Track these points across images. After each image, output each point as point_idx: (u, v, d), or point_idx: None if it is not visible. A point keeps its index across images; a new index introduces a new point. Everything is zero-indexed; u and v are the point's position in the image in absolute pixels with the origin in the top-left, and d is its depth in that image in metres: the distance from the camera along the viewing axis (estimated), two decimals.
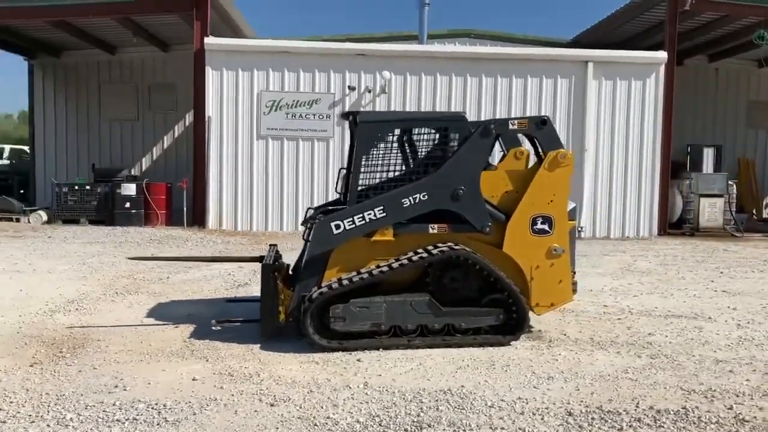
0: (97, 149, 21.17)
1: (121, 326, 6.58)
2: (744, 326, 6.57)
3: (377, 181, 6.18)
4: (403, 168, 6.36)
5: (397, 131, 6.14)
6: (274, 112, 14.61)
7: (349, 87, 14.66)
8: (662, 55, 14.98)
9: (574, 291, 6.29)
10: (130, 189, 14.92)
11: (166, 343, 6.01)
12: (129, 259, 7.30)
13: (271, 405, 4.52)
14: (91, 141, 21.19)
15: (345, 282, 5.78)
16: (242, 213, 14.74)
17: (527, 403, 4.50)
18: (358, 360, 5.49)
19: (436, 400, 4.57)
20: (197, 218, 14.83)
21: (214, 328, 6.46)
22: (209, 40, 14.44)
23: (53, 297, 7.77)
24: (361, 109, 14.64)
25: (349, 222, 5.89)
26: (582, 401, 4.53)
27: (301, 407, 4.48)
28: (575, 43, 19.79)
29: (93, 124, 21.10)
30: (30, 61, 21.29)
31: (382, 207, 5.90)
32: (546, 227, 6.04)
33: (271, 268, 5.94)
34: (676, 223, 16.09)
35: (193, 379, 5.03)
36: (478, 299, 5.99)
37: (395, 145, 6.23)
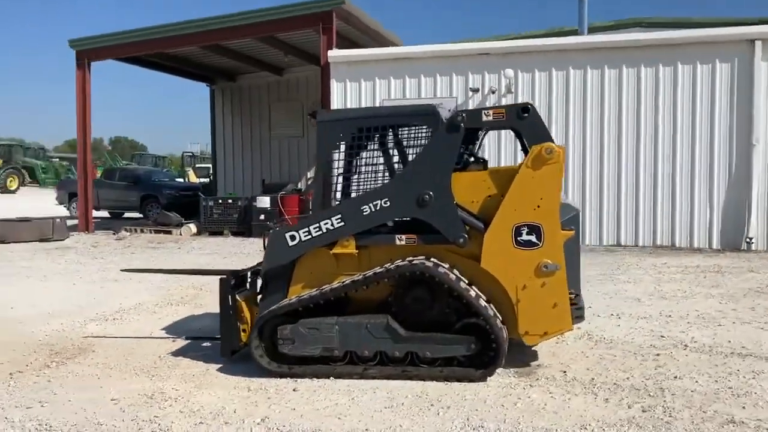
0: (268, 165, 22.47)
1: (130, 338, 6.60)
2: None
3: (342, 185, 5.51)
4: (373, 171, 5.60)
5: (361, 129, 5.41)
6: None
7: (471, 89, 13.82)
8: None
9: (580, 317, 5.07)
10: (264, 201, 15.45)
11: (143, 357, 5.89)
12: (122, 271, 7.34)
13: None
14: (263, 157, 22.54)
15: (293, 301, 5.20)
16: None
17: None
18: (294, 389, 4.89)
19: None
20: None
21: (205, 344, 6.26)
22: (332, 53, 14.49)
23: (109, 306, 8.09)
24: None
25: (305, 233, 5.31)
26: None
27: None
28: None
29: (264, 142, 22.42)
30: (211, 86, 23.25)
31: (340, 216, 5.24)
32: (533, 238, 4.94)
33: (229, 283, 5.55)
34: None
35: (111, 400, 4.80)
36: (451, 324, 5.05)
37: (364, 145, 5.50)
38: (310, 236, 5.31)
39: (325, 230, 5.26)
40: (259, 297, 5.73)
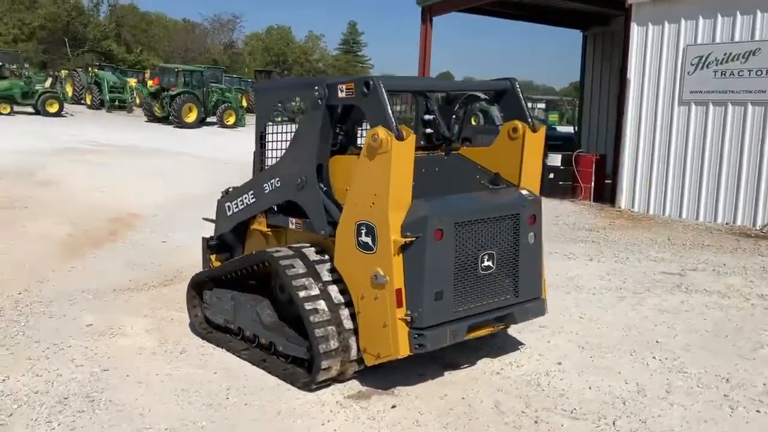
0: None
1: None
2: None
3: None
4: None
5: (281, 101, 5.09)
6: (699, 71, 11.65)
7: None
8: None
9: (422, 346, 4.02)
10: (555, 159, 14.43)
11: (182, 294, 6.72)
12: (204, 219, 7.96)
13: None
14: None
15: (210, 270, 5.40)
16: (656, 193, 12.44)
17: None
18: (182, 351, 5.19)
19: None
20: (613, 194, 13.34)
21: None
22: None
23: None
24: None
25: (235, 205, 5.39)
26: None
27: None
28: None
29: None
30: (584, 32, 22.08)
31: (252, 191, 5.15)
32: (369, 241, 4.11)
33: (207, 242, 5.95)
34: None
35: (87, 325, 5.77)
36: None
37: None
38: (237, 209, 5.35)
39: (245, 204, 5.25)
40: None
